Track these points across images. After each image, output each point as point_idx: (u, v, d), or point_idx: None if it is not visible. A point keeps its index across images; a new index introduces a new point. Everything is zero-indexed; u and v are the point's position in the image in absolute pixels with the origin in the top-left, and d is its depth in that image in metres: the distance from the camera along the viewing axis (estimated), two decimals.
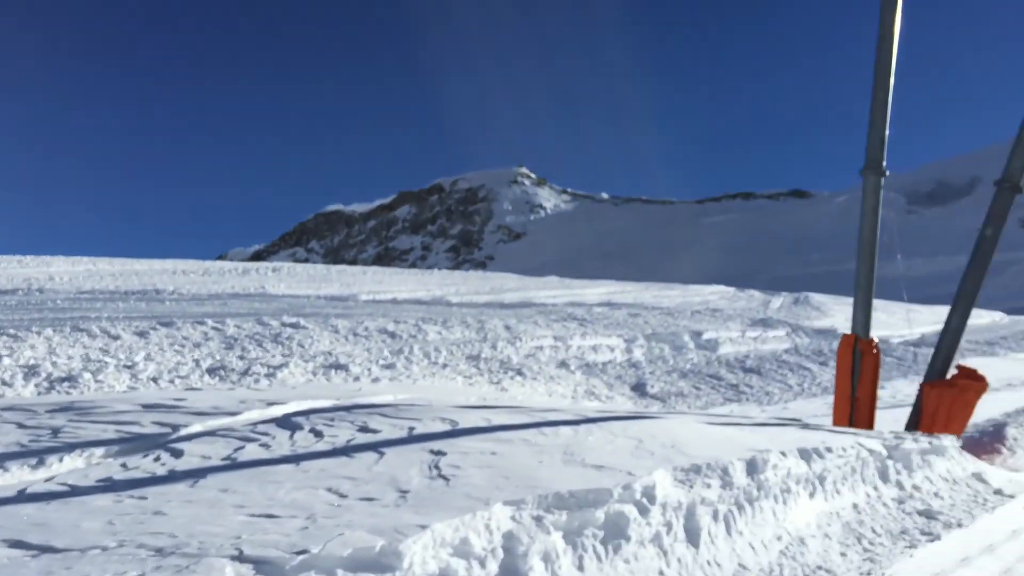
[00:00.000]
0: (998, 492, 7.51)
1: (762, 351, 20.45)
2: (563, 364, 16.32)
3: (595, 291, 32.77)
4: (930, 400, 9.18)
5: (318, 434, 5.50)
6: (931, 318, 39.14)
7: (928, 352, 22.19)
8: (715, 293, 35.81)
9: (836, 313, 33.97)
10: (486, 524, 3.76)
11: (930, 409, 9.14)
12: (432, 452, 5.01)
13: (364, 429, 5.65)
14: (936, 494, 7.04)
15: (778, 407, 14.63)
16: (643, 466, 4.94)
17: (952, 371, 9.48)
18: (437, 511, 3.77)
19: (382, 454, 4.94)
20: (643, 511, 4.47)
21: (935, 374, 9.41)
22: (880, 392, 16.01)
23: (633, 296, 31.71)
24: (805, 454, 6.01)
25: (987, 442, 9.78)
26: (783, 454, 5.75)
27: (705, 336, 20.79)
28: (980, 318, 40.99)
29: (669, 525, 4.57)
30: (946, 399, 9.05)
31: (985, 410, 12.37)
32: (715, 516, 4.89)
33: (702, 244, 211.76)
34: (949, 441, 7.96)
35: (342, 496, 4.08)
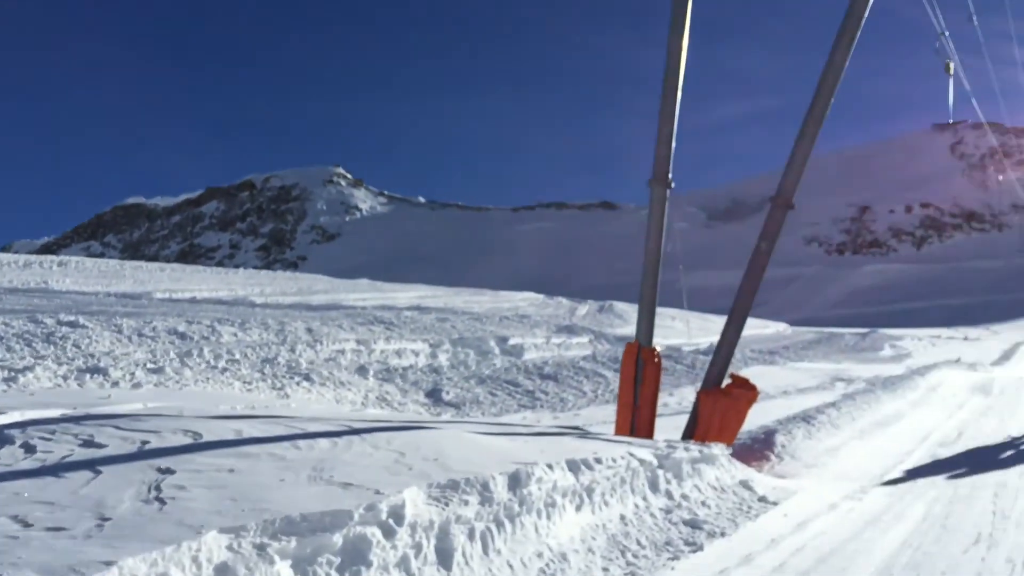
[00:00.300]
0: (763, 499, 7.71)
1: (565, 357, 20.69)
2: (362, 369, 15.80)
3: (406, 295, 32.38)
4: (705, 408, 9.40)
5: (30, 449, 4.80)
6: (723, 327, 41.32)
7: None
8: (525, 300, 36.24)
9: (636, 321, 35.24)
10: (194, 556, 3.29)
11: (705, 417, 9.36)
12: (159, 470, 4.45)
13: (88, 443, 5.00)
14: (704, 503, 7.12)
15: (570, 414, 14.74)
16: (396, 483, 4.59)
17: (727, 380, 9.74)
18: (135, 542, 3.26)
19: (98, 473, 4.34)
20: (389, 533, 4.12)
21: (711, 383, 9.65)
22: (668, 399, 16.57)
23: (444, 301, 31.53)
24: (574, 466, 5.87)
25: (758, 449, 10.13)
26: (549, 466, 5.57)
27: (511, 342, 20.82)
28: (766, 328, 43.72)
29: (419, 547, 4.25)
30: (720, 407, 9.29)
31: (758, 417, 12.91)
32: (471, 535, 4.62)
33: (516, 251, 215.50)
34: (719, 449, 8.12)
35: (27, 526, 3.48)
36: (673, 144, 9.91)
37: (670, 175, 9.92)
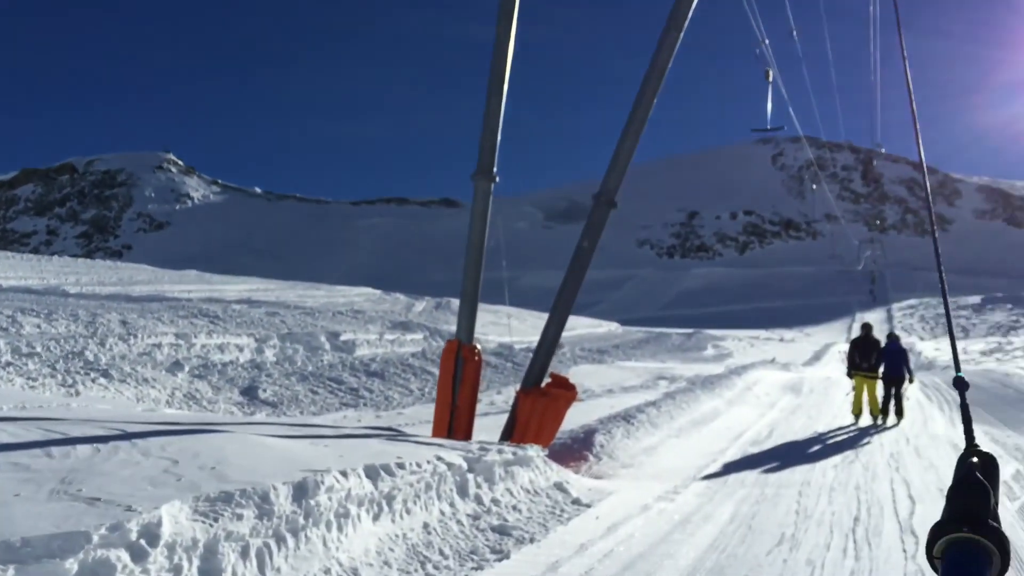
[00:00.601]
0: (576, 502, 7.56)
1: (397, 354, 20.23)
2: (177, 364, 14.79)
3: (236, 287, 31.04)
4: (524, 408, 9.20)
5: None
6: None
7: (553, 359, 23.39)
8: (361, 295, 35.53)
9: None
10: None
11: (523, 418, 9.15)
12: None
13: None
14: (515, 507, 6.87)
15: (394, 412, 14.32)
16: (157, 496, 4.04)
17: (547, 380, 9.58)
18: None
19: None
20: (139, 556, 3.58)
21: (530, 382, 9.46)
22: (496, 398, 16.40)
23: (276, 294, 30.40)
24: (372, 472, 5.46)
25: (577, 449, 10.04)
26: (343, 473, 5.13)
27: (343, 338, 20.18)
28: (599, 328, 44.70)
29: (178, 569, 3.73)
30: (538, 408, 9.10)
31: (581, 416, 12.90)
32: (245, 553, 4.14)
33: (355, 246, 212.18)
34: (535, 451, 7.91)
35: None
36: (498, 137, 9.66)
37: (495, 169, 9.65)
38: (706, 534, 6.70)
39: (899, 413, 14.87)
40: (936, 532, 1.18)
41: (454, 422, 9.14)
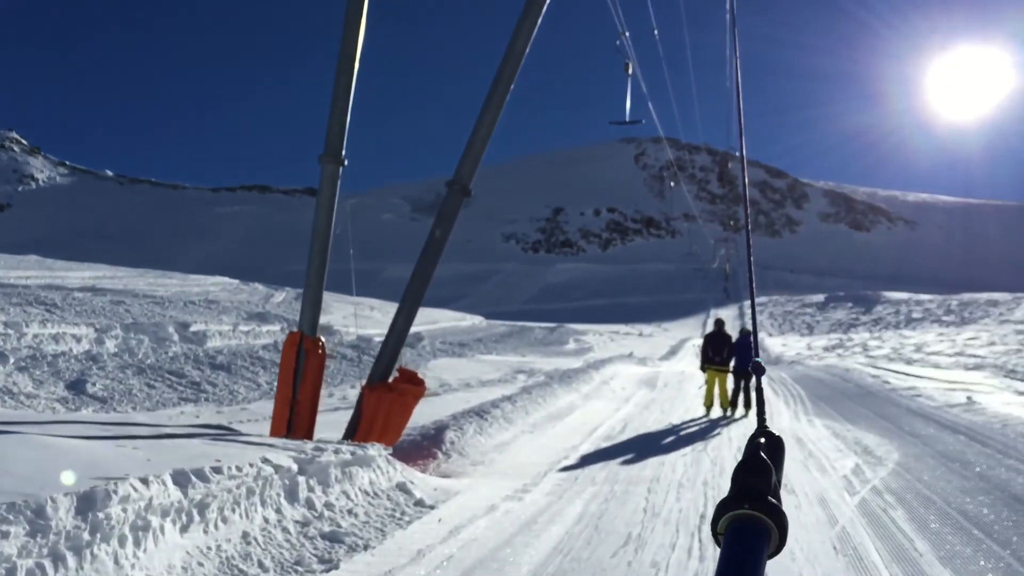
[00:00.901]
0: (419, 504, 7.16)
1: (248, 346, 19.30)
2: (1, 356, 13.51)
3: (80, 275, 29.16)
4: (369, 405, 8.71)
5: None
6: (421, 318, 41.42)
7: (407, 351, 22.90)
8: (217, 284, 34.08)
9: (335, 310, 34.22)
10: None
11: (369, 414, 8.67)
12: None
13: None
14: (351, 511, 6.41)
15: (237, 408, 13.56)
16: None
17: (394, 374, 9.13)
18: None
19: None
20: None
21: (377, 377, 8.98)
22: (350, 392, 15.80)
23: (124, 282, 28.71)
24: (182, 478, 4.89)
25: (426, 447, 9.64)
26: (144, 481, 4.56)
27: (193, 328, 19.07)
28: (463, 321, 44.48)
29: None
30: (384, 404, 8.64)
31: (435, 412, 12.53)
32: None
33: (214, 234, 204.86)
34: (376, 450, 7.46)
35: None
36: (348, 118, 9.15)
37: (344, 152, 9.13)
38: (552, 536, 6.43)
39: (747, 405, 15.51)
40: (720, 509, 1.22)
41: (294, 419, 8.58)
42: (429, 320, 41.33)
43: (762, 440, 1.38)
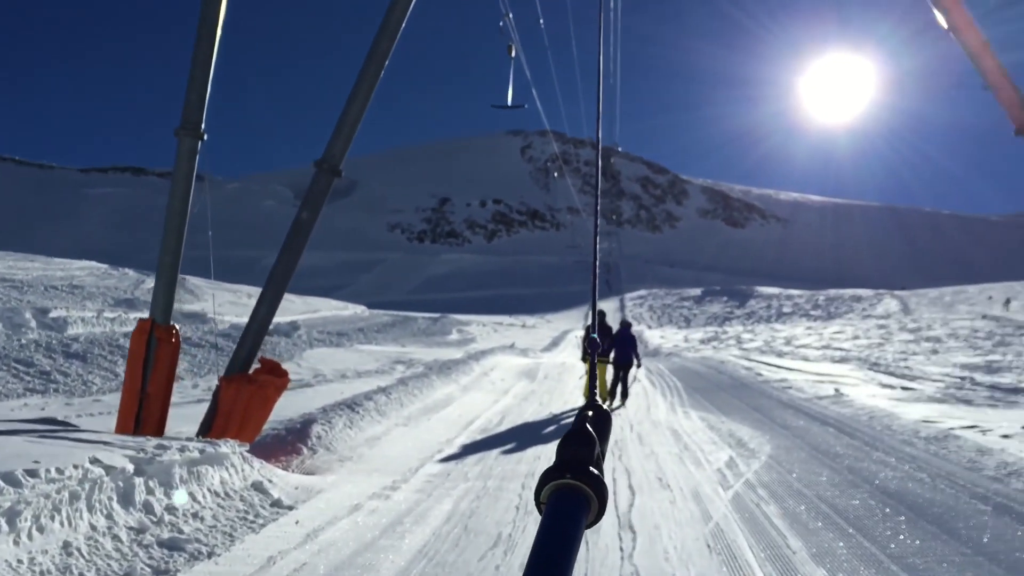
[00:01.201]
0: (276, 504, 6.65)
1: (110, 334, 18.14)
2: None
3: None
4: (226, 397, 8.10)
5: None
6: (301, 307, 40.33)
7: (281, 340, 22.04)
8: (84, 269, 32.22)
9: (209, 297, 32.83)
10: None
11: (226, 408, 8.07)
12: None
13: None
14: (197, 515, 5.86)
15: (89, 399, 12.66)
16: None
17: (256, 365, 8.54)
18: None
19: None
20: None
21: (236, 368, 8.37)
22: (215, 383, 15.02)
23: None
24: None
25: (291, 441, 9.08)
26: None
27: (53, 315, 17.80)
28: (345, 310, 43.54)
29: None
30: (243, 396, 8.05)
31: (304, 404, 11.95)
32: None
33: (83, 216, 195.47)
34: (230, 447, 6.90)
35: None
36: (208, 90, 8.50)
37: (203, 126, 8.48)
38: (417, 538, 6.04)
39: (624, 395, 15.72)
40: (543, 479, 1.22)
41: (143, 414, 7.90)
42: (310, 309, 40.22)
43: (590, 413, 1.41)
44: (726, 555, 5.68)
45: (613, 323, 17.18)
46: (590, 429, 1.30)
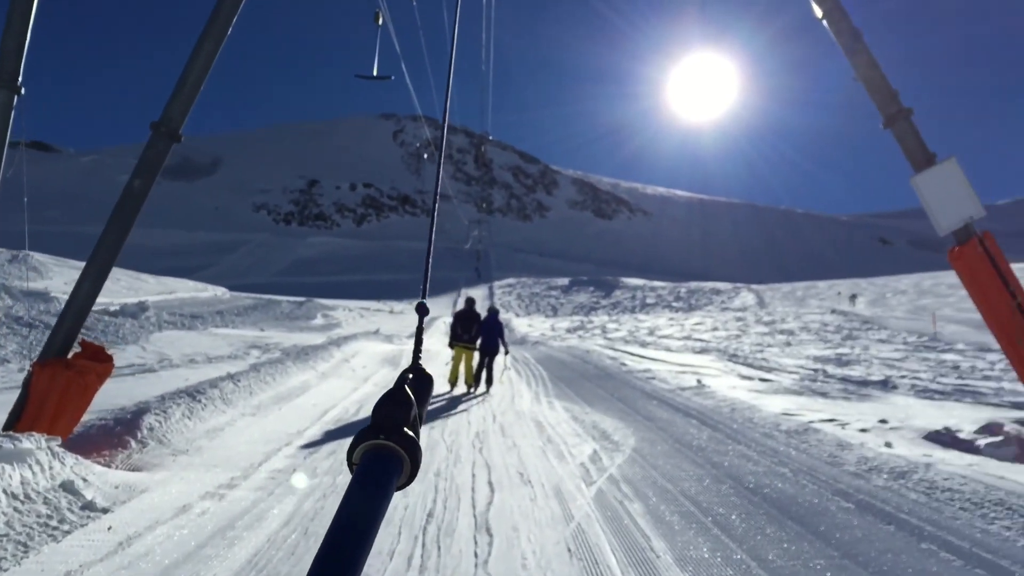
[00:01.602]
0: (88, 507, 5.84)
1: None
2: None
3: None
4: (39, 384, 7.16)
5: None
6: (155, 287, 38.17)
7: (126, 322, 20.56)
8: None
9: (56, 275, 30.53)
10: None
11: (38, 396, 7.13)
12: None
13: None
14: None
15: None
16: None
17: (76, 349, 7.61)
18: None
19: None
20: None
21: (54, 351, 7.43)
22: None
23: None
24: None
25: (119, 433, 8.20)
26: None
27: None
28: (204, 292, 41.60)
29: None
30: (59, 384, 7.14)
31: (142, 391, 10.99)
32: None
33: None
34: (35, 441, 6.04)
35: None
36: (27, 38, 7.51)
37: (20, 79, 7.48)
38: (249, 545, 5.38)
39: (489, 382, 15.61)
40: (356, 439, 1.20)
41: None
42: (165, 290, 38.18)
43: (410, 376, 1.40)
44: (587, 560, 5.29)
45: (482, 310, 16.93)
46: (408, 391, 1.27)
